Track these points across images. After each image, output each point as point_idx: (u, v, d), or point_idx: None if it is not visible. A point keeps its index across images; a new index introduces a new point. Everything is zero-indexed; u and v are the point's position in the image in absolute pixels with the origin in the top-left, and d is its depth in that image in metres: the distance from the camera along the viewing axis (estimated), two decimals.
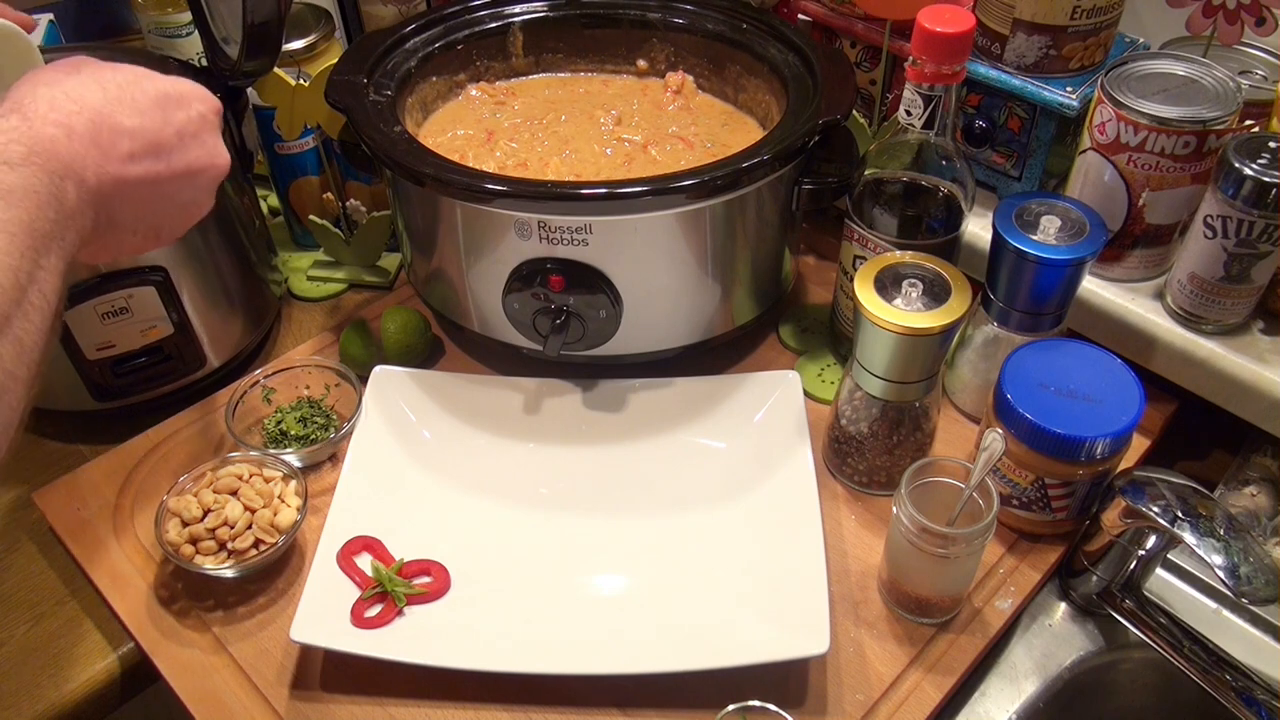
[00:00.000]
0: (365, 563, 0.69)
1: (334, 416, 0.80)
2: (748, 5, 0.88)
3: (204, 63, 0.84)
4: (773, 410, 0.77)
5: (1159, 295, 0.77)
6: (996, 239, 0.71)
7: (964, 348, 0.79)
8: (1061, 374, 0.68)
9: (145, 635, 0.68)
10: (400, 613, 0.66)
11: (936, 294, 0.67)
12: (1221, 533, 0.59)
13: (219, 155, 0.57)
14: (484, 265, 0.75)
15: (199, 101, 0.56)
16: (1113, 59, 0.77)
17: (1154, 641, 0.68)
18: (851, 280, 0.70)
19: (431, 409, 0.79)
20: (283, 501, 0.71)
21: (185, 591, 0.70)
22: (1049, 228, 0.70)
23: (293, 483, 0.72)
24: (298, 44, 0.89)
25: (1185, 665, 0.66)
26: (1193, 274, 0.73)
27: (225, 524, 0.68)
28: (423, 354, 0.85)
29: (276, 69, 0.81)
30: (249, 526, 0.69)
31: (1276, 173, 0.65)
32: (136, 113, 0.52)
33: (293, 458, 0.75)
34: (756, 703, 0.58)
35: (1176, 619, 0.69)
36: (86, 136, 0.49)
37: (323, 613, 0.64)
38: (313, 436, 0.78)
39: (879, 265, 0.69)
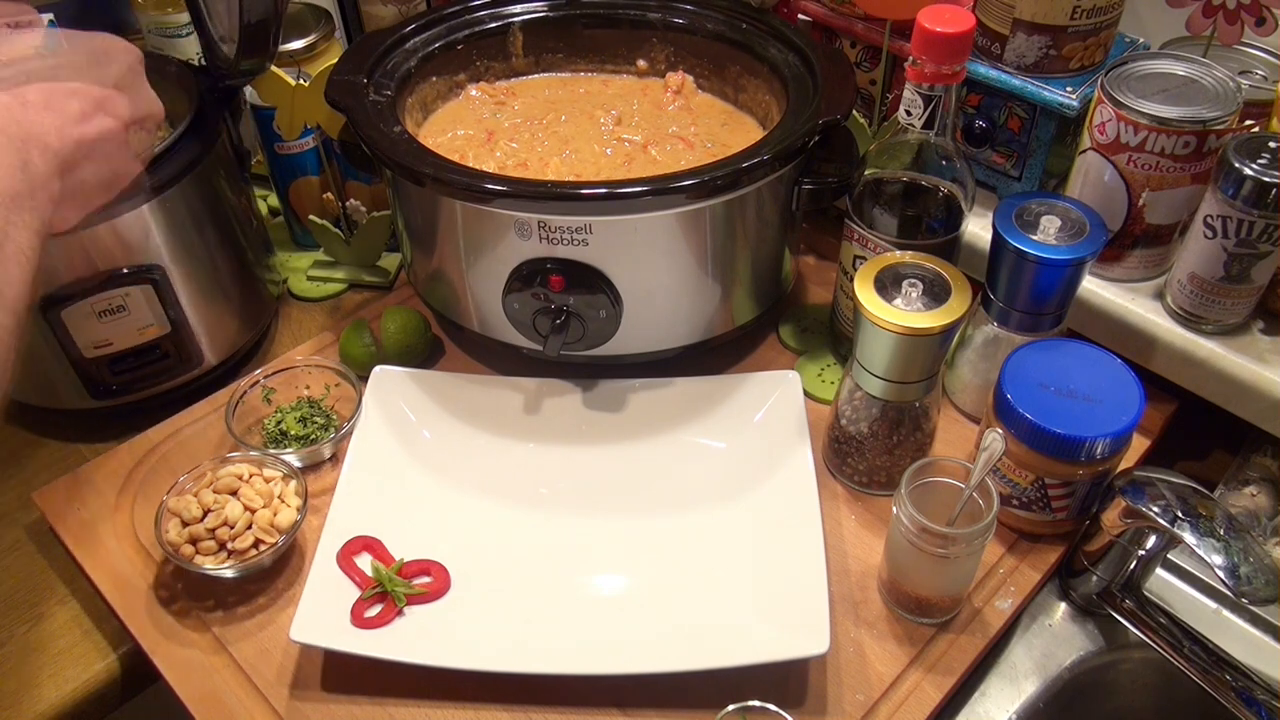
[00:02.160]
0: (365, 563, 0.69)
1: (334, 416, 0.80)
2: (748, 5, 0.88)
3: (202, 62, 0.84)
4: (773, 410, 0.77)
5: (1159, 295, 0.77)
6: (996, 239, 0.71)
7: (964, 348, 0.79)
8: (1061, 374, 0.68)
9: (145, 635, 0.68)
10: (400, 613, 0.66)
11: (936, 294, 0.67)
12: (1221, 533, 0.59)
13: (154, 102, 0.62)
14: (484, 265, 0.75)
15: (123, 53, 0.59)
16: (1113, 59, 0.77)
17: (1154, 641, 0.68)
18: (851, 280, 0.70)
19: (431, 409, 0.79)
20: (283, 501, 0.71)
21: (185, 591, 0.70)
22: (1049, 228, 0.70)
23: (293, 483, 0.72)
24: (298, 44, 0.89)
25: (1185, 665, 0.66)
26: (1193, 274, 0.73)
27: (225, 524, 0.68)
28: (423, 354, 0.85)
29: (276, 69, 0.81)
30: (249, 526, 0.69)
31: (1276, 173, 0.65)
32: (76, 72, 0.54)
33: (293, 458, 0.75)
34: (756, 703, 0.58)
35: (1176, 619, 0.69)
36: (40, 104, 0.51)
37: (323, 613, 0.64)
38: (313, 436, 0.78)
39: (879, 265, 0.68)
